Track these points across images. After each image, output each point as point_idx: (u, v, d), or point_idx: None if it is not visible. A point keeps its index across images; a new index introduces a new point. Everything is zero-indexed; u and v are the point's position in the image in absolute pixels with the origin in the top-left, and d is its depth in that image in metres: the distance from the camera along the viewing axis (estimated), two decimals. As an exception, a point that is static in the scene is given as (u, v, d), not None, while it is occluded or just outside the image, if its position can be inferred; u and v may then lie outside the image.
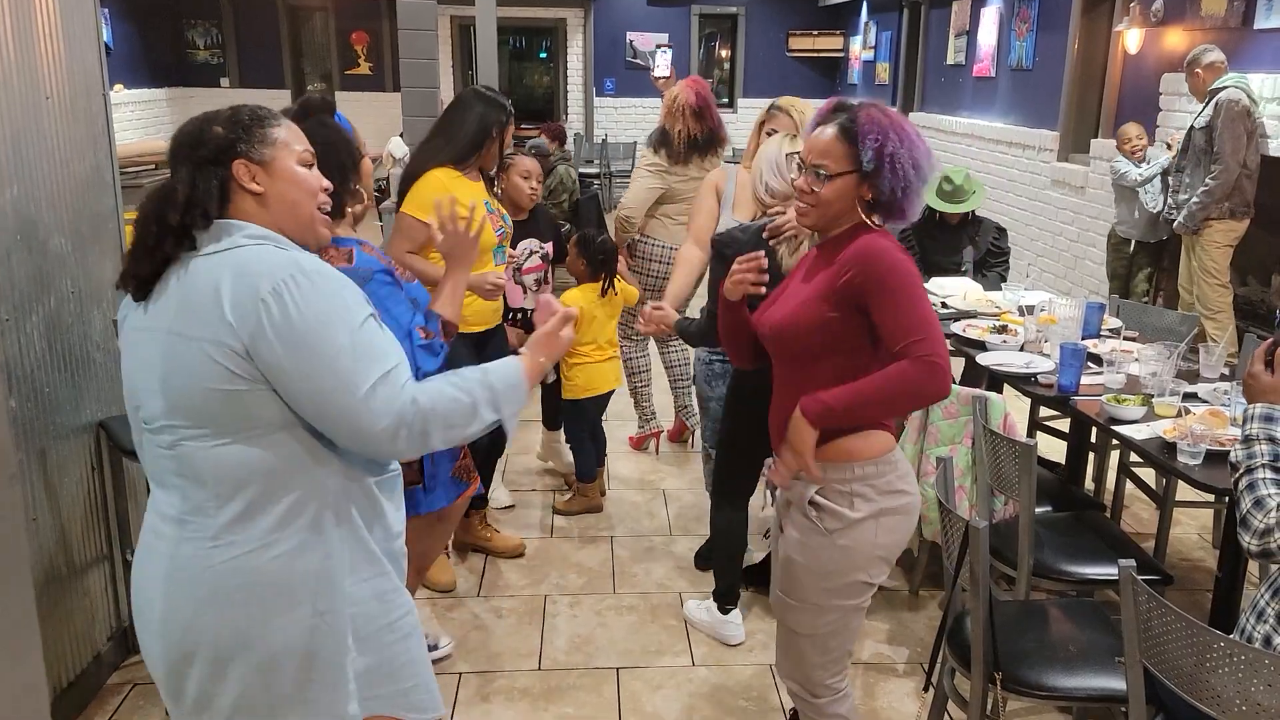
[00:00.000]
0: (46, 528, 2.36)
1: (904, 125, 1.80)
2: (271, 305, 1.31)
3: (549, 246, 3.47)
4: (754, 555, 3.11)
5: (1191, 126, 4.61)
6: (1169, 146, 5.12)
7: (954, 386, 2.82)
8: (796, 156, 1.87)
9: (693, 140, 3.77)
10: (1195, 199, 4.53)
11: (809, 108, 2.89)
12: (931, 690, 2.24)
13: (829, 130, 1.81)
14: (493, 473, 3.50)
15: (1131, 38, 5.88)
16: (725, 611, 2.86)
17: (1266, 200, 4.65)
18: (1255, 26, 4.84)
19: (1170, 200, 4.84)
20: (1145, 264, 5.38)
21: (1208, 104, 4.52)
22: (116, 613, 2.67)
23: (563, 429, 3.83)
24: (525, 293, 3.42)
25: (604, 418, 3.74)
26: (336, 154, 1.97)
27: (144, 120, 10.37)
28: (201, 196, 1.38)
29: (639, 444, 4.26)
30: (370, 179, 2.23)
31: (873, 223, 1.82)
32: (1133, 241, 5.35)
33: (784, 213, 2.40)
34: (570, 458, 3.82)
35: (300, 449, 1.39)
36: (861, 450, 1.83)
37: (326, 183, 1.49)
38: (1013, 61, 7.49)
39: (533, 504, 3.74)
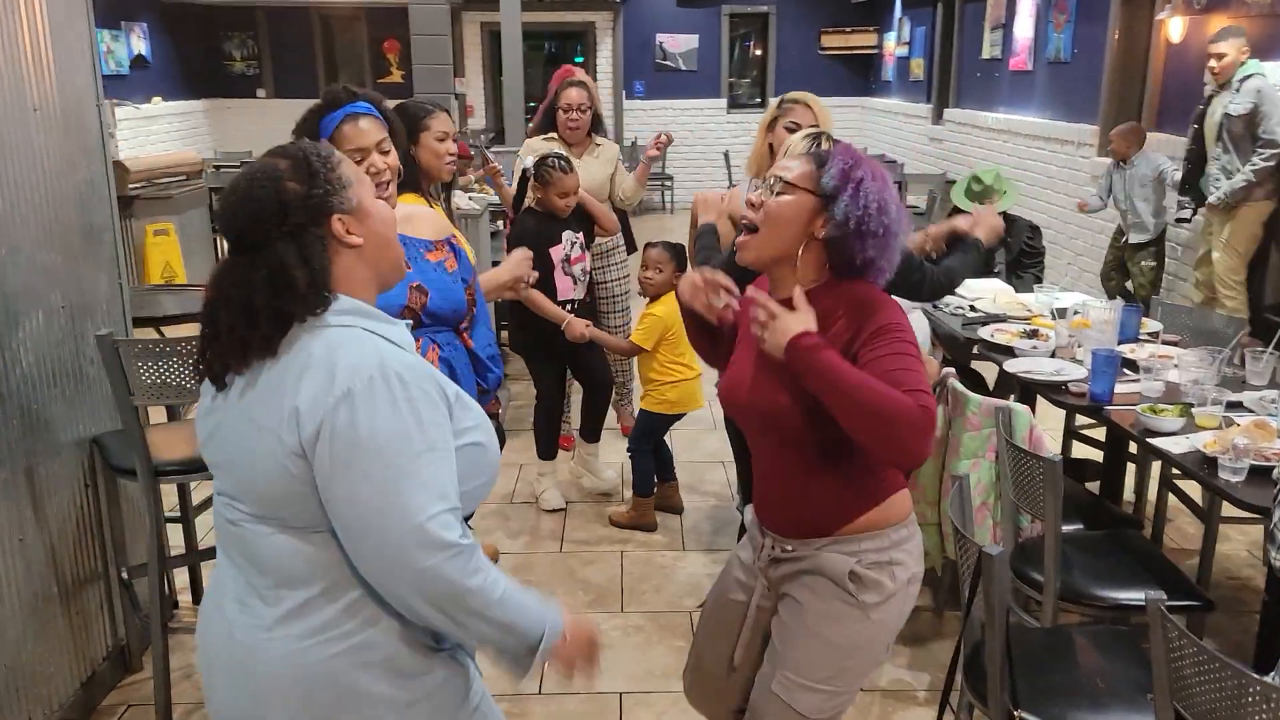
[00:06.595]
0: (35, 548, 2.31)
1: (879, 168, 1.66)
2: (341, 409, 1.17)
3: (580, 235, 3.52)
4: None
5: (1226, 114, 4.60)
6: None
7: (977, 397, 2.67)
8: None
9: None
10: (1241, 177, 4.55)
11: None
12: (949, 723, 2.10)
13: (801, 152, 1.75)
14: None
15: (1174, 26, 5.65)
16: None
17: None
18: (1305, 12, 4.60)
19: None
20: (1146, 259, 5.40)
21: (1239, 90, 4.53)
22: (113, 631, 2.63)
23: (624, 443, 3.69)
24: (575, 284, 3.46)
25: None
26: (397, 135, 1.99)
27: (181, 131, 10.52)
28: (320, 276, 1.22)
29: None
30: None
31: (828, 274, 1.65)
32: (1125, 239, 5.45)
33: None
34: (606, 476, 3.76)
35: None
36: (894, 514, 1.72)
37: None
38: (1050, 54, 7.25)
39: (546, 516, 3.65)
